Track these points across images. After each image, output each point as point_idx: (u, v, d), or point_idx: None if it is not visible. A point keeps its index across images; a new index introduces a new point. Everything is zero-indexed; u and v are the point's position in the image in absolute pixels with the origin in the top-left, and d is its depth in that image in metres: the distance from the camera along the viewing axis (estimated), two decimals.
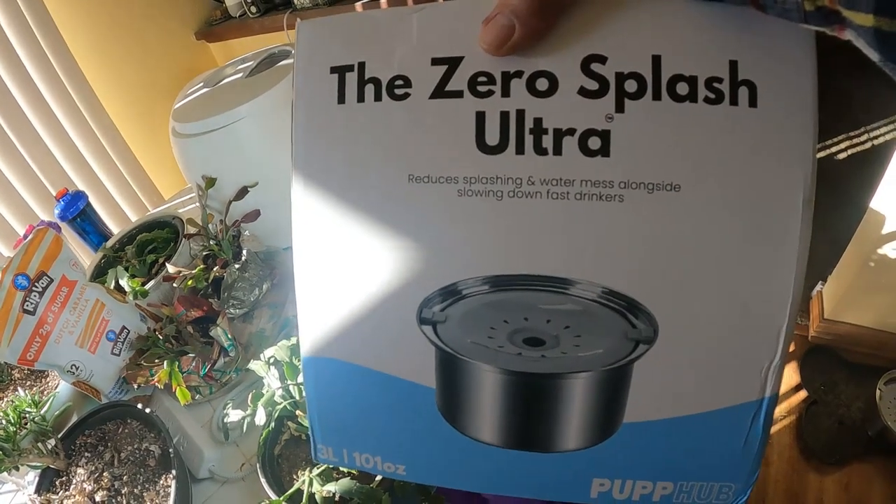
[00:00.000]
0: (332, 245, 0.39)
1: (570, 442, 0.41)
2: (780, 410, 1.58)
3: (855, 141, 2.29)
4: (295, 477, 0.59)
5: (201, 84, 1.04)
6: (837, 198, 2.06)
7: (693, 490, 0.41)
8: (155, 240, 0.95)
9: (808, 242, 0.35)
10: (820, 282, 1.73)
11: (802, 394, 1.58)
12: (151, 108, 1.49)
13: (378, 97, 0.38)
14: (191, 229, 0.91)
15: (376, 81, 0.38)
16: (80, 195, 1.11)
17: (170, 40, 1.59)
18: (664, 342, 0.37)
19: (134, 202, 1.40)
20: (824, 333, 1.66)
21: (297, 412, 0.57)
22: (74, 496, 0.68)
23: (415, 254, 0.38)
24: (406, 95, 0.37)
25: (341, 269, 0.40)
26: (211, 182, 0.91)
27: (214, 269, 0.83)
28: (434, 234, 0.37)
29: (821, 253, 1.84)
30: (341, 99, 0.38)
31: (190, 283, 0.81)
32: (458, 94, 0.36)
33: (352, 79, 0.38)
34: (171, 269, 0.81)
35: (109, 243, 1.00)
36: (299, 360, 0.58)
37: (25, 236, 0.90)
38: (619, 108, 0.35)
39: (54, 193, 1.11)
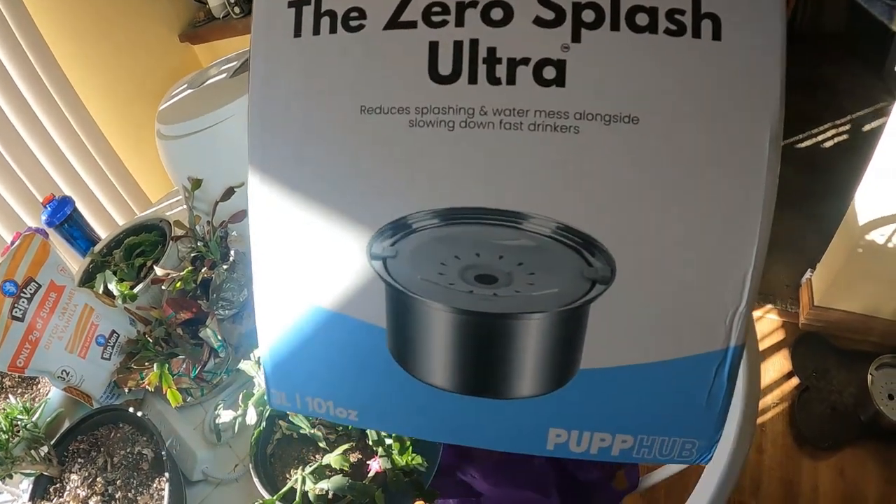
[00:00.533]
0: (287, 179, 0.38)
1: (524, 388, 0.39)
2: (772, 398, 1.59)
3: (841, 129, 2.31)
4: (288, 476, 0.59)
5: (185, 85, 1.03)
6: (825, 185, 2.07)
7: (654, 445, 0.39)
8: (142, 243, 0.95)
9: (776, 184, 0.33)
10: (809, 269, 1.74)
11: (794, 381, 1.59)
12: (136, 112, 1.47)
13: (333, 29, 0.37)
14: (178, 231, 0.91)
15: (332, 14, 0.37)
16: (66, 200, 1.10)
17: (153, 43, 1.58)
18: (622, 283, 0.35)
19: (121, 206, 1.39)
20: (815, 320, 1.67)
21: (288, 411, 0.57)
22: (69, 502, 0.68)
23: (365, 187, 0.36)
24: (361, 27, 0.36)
25: (295, 203, 0.38)
26: (197, 183, 0.91)
27: (203, 270, 0.83)
28: (384, 166, 0.36)
29: (809, 240, 1.85)
30: (297, 32, 0.37)
31: (178, 285, 0.80)
32: (412, 25, 0.35)
33: (308, 12, 0.37)
34: (159, 271, 0.81)
35: (97, 248, 1.00)
36: None
37: (12, 243, 0.90)
38: (576, 37, 0.33)
39: (41, 199, 1.10)
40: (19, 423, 0.73)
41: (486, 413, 0.40)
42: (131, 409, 0.71)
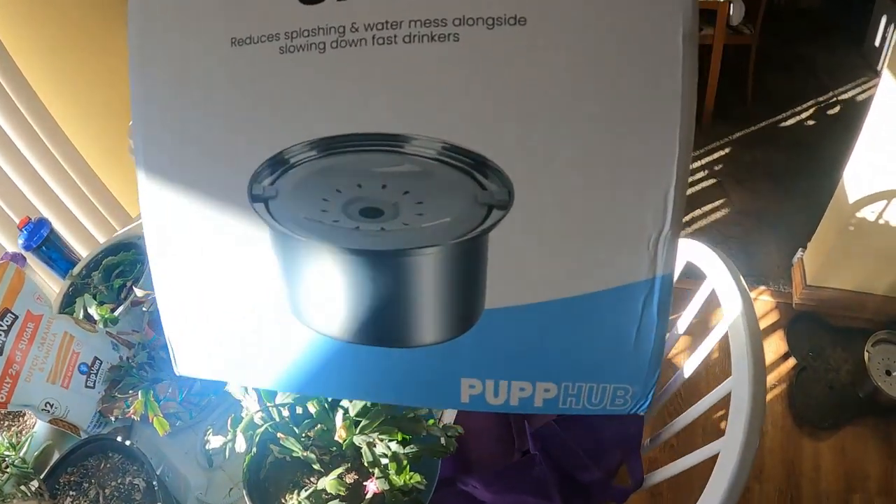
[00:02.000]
0: (168, 123, 0.36)
1: (425, 334, 0.36)
2: (770, 379, 1.59)
3: (824, 106, 2.31)
4: (283, 501, 0.57)
5: None
6: (811, 163, 2.07)
7: (581, 393, 0.35)
8: (121, 262, 0.92)
9: (694, 89, 0.29)
10: (800, 249, 1.74)
11: (791, 362, 1.60)
12: (111, 126, 1.44)
13: None
14: None
15: None
16: (42, 222, 1.07)
17: (127, 57, 1.54)
18: (524, 208, 0.32)
19: (100, 223, 1.36)
20: (808, 300, 1.67)
21: (279, 434, 0.55)
22: None
23: (242, 125, 0.34)
24: None
25: (178, 150, 0.36)
26: None
27: None
28: (258, 100, 0.33)
29: (798, 219, 1.85)
30: None
31: None
32: None
33: None
34: (138, 292, 0.78)
35: (76, 270, 0.97)
36: None
37: None
38: None
39: (17, 222, 1.07)
40: (7, 459, 0.71)
41: (393, 366, 0.37)
42: (119, 438, 0.69)
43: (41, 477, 0.71)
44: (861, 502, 1.34)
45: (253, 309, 0.38)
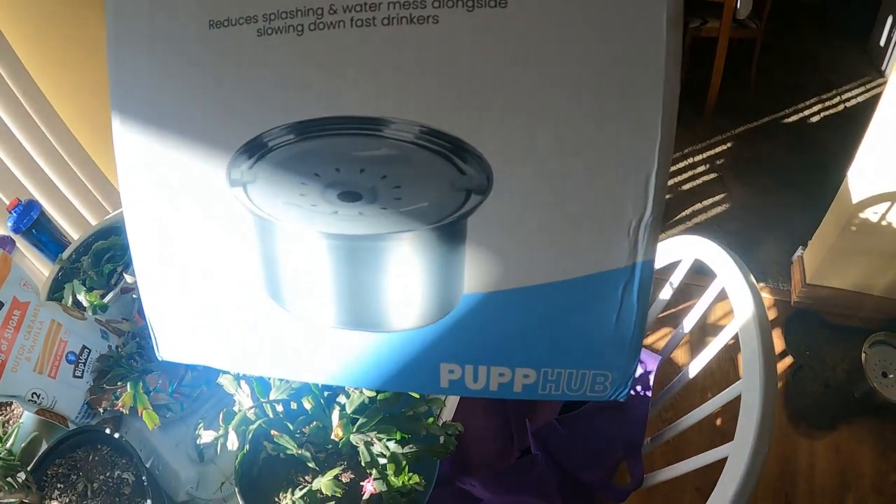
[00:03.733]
0: (143, 97, 0.35)
1: (404, 319, 0.36)
2: None
3: (827, 104, 2.29)
4: (277, 500, 0.55)
5: None
6: (813, 160, 2.06)
7: (560, 379, 0.35)
8: (112, 247, 0.90)
9: (678, 75, 0.29)
10: (800, 246, 1.73)
11: (788, 360, 1.59)
12: (103, 108, 1.41)
13: None
14: None
15: None
16: (32, 204, 1.04)
17: None
18: (503, 193, 0.31)
19: (93, 205, 1.33)
20: (806, 298, 1.66)
21: (273, 431, 0.53)
22: None
23: (220, 109, 0.33)
24: None
25: (159, 144, 0.35)
26: None
27: None
28: (235, 83, 0.33)
29: (798, 216, 1.84)
30: None
31: None
32: None
33: None
34: (128, 279, 0.76)
35: (65, 254, 0.94)
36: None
37: None
38: None
39: (7, 203, 1.05)
40: None
41: (372, 350, 0.37)
42: (108, 430, 0.67)
43: (28, 469, 0.69)
44: (855, 501, 1.34)
45: (234, 292, 0.38)
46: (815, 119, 2.26)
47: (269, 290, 0.37)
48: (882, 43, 2.34)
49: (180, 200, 0.36)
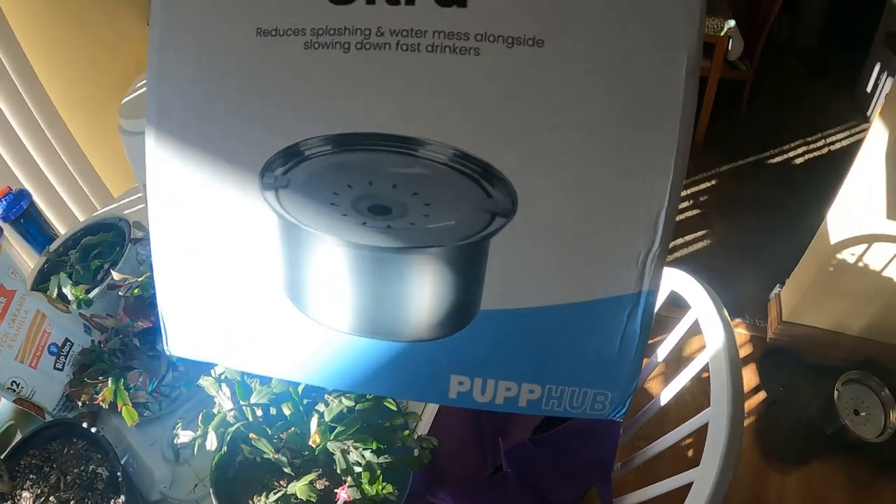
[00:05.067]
0: (183, 94, 0.36)
1: (421, 330, 0.38)
2: None
3: (812, 146, 2.35)
4: (251, 502, 0.55)
5: None
6: (794, 201, 2.11)
7: (564, 396, 0.38)
8: (100, 243, 0.90)
9: (692, 119, 0.32)
10: (778, 284, 1.77)
11: (762, 395, 1.61)
12: (99, 100, 1.41)
13: None
14: (137, 233, 0.86)
15: None
16: (23, 194, 1.04)
17: (121, 30, 1.51)
18: (525, 217, 0.33)
19: (82, 200, 1.33)
20: (782, 335, 1.69)
21: (251, 434, 0.54)
22: None
23: (261, 114, 0.35)
24: None
25: (190, 133, 0.36)
26: None
27: None
28: (278, 91, 0.35)
29: (777, 255, 1.88)
30: None
31: (136, 291, 0.76)
32: None
33: None
34: (116, 276, 0.76)
35: (53, 246, 0.94)
36: (252, 379, 0.55)
37: None
38: None
39: None
40: None
41: (385, 358, 0.39)
42: (85, 424, 0.67)
43: (2, 457, 0.69)
44: None
45: (251, 292, 0.39)
46: (799, 160, 2.32)
47: (288, 292, 0.38)
48: (868, 89, 2.41)
49: (207, 200, 0.37)
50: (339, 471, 0.51)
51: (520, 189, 0.33)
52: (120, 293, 0.75)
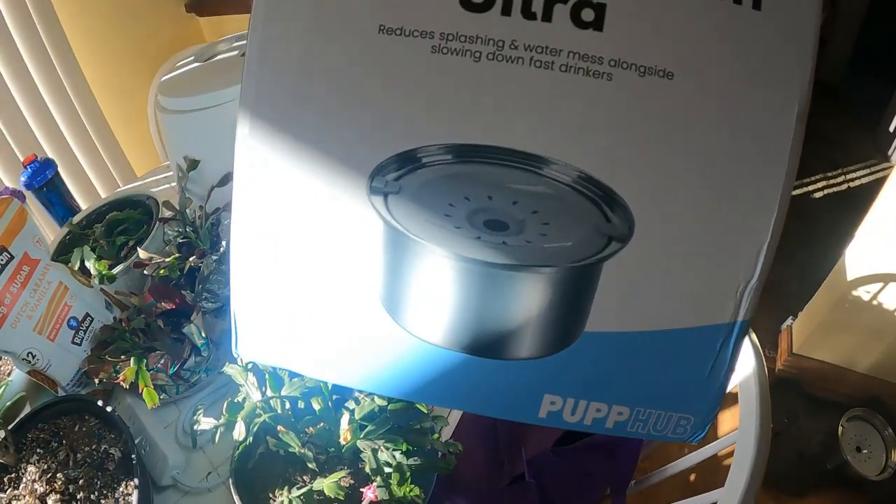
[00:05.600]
0: (287, 98, 0.35)
1: (524, 349, 0.38)
2: None
3: (832, 182, 2.35)
4: (271, 496, 0.54)
5: (192, 58, 0.98)
6: (811, 236, 2.10)
7: (650, 419, 0.38)
8: (126, 220, 0.89)
9: (797, 162, 0.33)
10: (790, 317, 1.76)
11: None
12: (130, 78, 1.40)
13: None
14: (166, 212, 0.85)
15: None
16: (49, 163, 1.03)
17: (158, 9, 1.51)
18: (637, 243, 0.34)
19: (105, 176, 1.32)
20: (790, 367, 1.68)
21: (280, 427, 0.53)
22: (24, 496, 0.62)
23: (375, 113, 0.34)
24: None
25: (292, 123, 0.35)
26: (194, 164, 0.86)
27: (190, 258, 0.78)
28: (399, 92, 0.33)
29: (792, 287, 1.87)
30: None
31: (162, 271, 0.75)
32: None
33: None
34: (142, 254, 0.75)
35: (77, 219, 0.94)
36: (283, 370, 0.54)
37: None
38: None
39: (22, 159, 1.03)
40: None
41: (478, 374, 0.38)
42: (100, 402, 0.66)
43: (9, 428, 0.67)
44: None
45: (340, 299, 0.37)
46: (818, 195, 2.31)
47: (385, 302, 0.37)
48: (892, 129, 2.40)
49: (301, 197, 0.36)
50: (368, 470, 0.50)
51: (637, 215, 0.34)
52: (145, 272, 0.74)
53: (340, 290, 0.37)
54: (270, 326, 0.39)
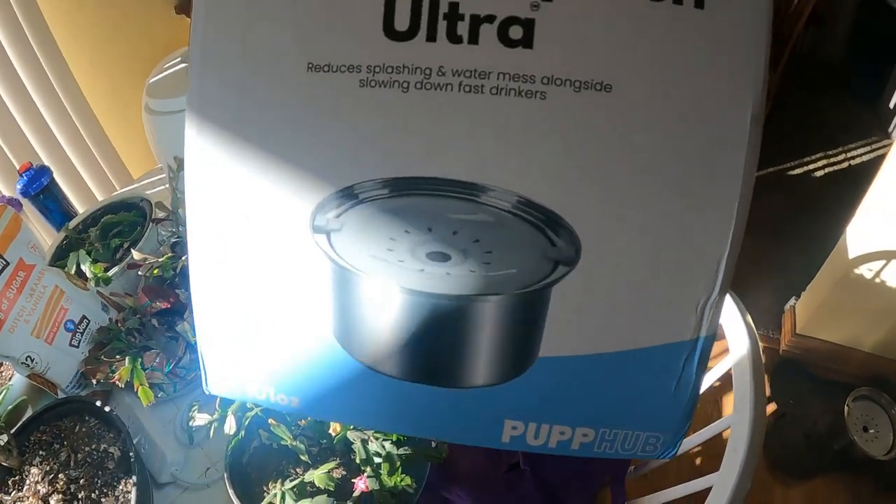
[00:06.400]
0: (227, 146, 0.35)
1: (478, 377, 0.37)
2: None
3: (832, 160, 2.33)
4: (265, 489, 0.55)
5: (179, 60, 0.98)
6: (813, 215, 2.09)
7: (617, 439, 0.37)
8: (121, 222, 0.90)
9: (755, 166, 0.31)
10: (793, 297, 1.75)
11: (771, 406, 1.60)
12: (122, 81, 1.41)
13: None
14: (159, 213, 0.86)
15: None
16: (44, 170, 1.04)
17: (148, 11, 1.51)
18: (587, 265, 0.33)
19: (101, 180, 1.33)
20: (795, 348, 1.68)
21: (270, 420, 0.53)
22: (28, 498, 0.63)
23: (310, 153, 0.33)
24: None
25: (233, 172, 0.35)
26: (183, 164, 0.86)
27: (183, 257, 0.78)
28: (331, 129, 0.33)
29: (794, 268, 1.86)
30: None
31: (156, 272, 0.76)
32: None
33: None
34: (136, 255, 0.76)
35: (72, 224, 0.94)
36: None
37: None
38: None
39: (17, 167, 1.04)
40: None
41: (437, 402, 0.38)
42: (98, 403, 0.67)
43: (12, 432, 0.68)
44: None
45: (298, 333, 0.38)
46: (819, 174, 2.29)
47: (338, 336, 0.37)
48: (892, 105, 2.38)
49: (252, 236, 0.36)
50: (357, 461, 0.51)
51: (583, 237, 0.33)
52: (139, 273, 0.75)
53: (297, 325, 0.37)
54: (234, 362, 0.40)
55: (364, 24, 0.32)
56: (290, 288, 0.36)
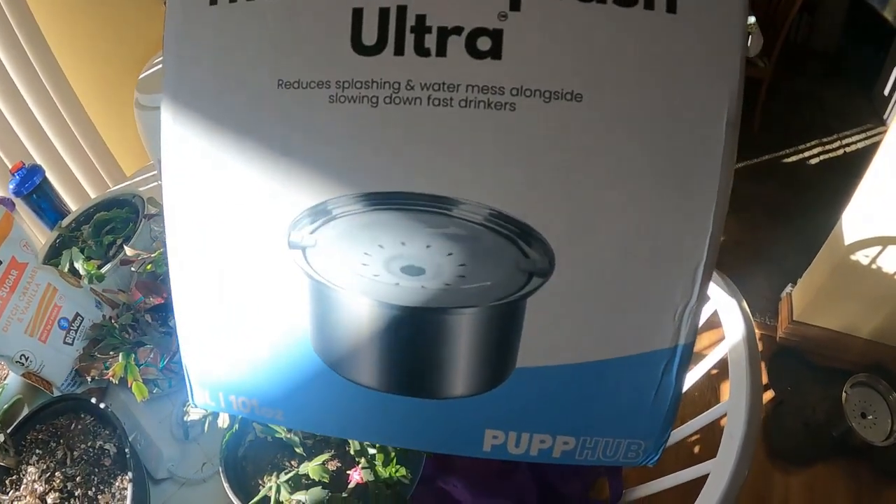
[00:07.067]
0: (201, 166, 0.35)
1: (456, 387, 0.37)
2: None
3: (827, 147, 2.33)
4: (261, 482, 0.55)
5: None
6: (808, 201, 2.09)
7: (598, 446, 0.37)
8: (114, 219, 0.89)
9: (732, 171, 0.31)
10: (790, 284, 1.75)
11: (769, 394, 1.60)
12: (114, 78, 1.40)
13: None
14: (151, 209, 0.86)
15: None
16: (36, 169, 1.04)
17: (138, 8, 1.50)
18: (562, 276, 0.33)
19: (94, 178, 1.32)
20: (792, 335, 1.68)
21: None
22: (25, 497, 0.63)
23: (282, 170, 0.34)
24: None
25: (210, 191, 0.35)
26: None
27: None
28: (302, 146, 0.33)
29: (790, 254, 1.86)
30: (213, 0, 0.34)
31: (149, 267, 0.76)
32: None
33: None
34: (129, 251, 0.76)
35: (65, 222, 0.94)
36: None
37: None
38: (514, 5, 0.30)
39: (10, 166, 1.04)
40: None
41: (417, 413, 0.38)
42: (94, 400, 0.67)
43: (8, 431, 0.68)
44: None
45: (280, 346, 0.38)
46: (814, 161, 2.29)
47: (317, 349, 0.37)
48: (886, 92, 2.38)
49: (231, 253, 0.36)
50: (352, 452, 0.51)
51: (557, 248, 0.32)
52: (132, 269, 0.75)
53: (279, 339, 0.37)
54: (219, 375, 0.40)
55: (332, 39, 0.32)
56: (269, 301, 0.37)
